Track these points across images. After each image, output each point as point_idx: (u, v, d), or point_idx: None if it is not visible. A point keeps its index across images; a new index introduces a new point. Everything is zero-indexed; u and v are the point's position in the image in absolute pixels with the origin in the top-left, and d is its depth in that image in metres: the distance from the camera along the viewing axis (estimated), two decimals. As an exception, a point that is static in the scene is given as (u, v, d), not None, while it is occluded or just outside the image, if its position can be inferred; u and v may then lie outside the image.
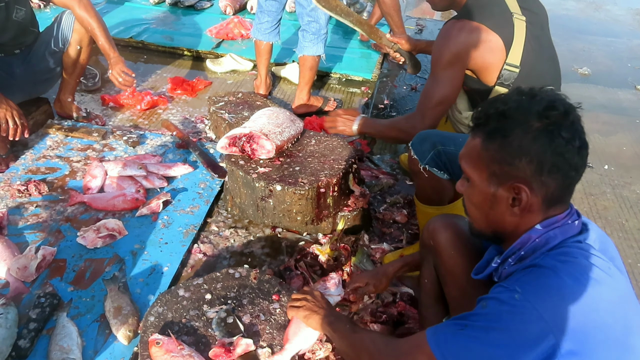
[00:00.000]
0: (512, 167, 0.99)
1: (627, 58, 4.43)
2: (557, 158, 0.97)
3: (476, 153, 1.05)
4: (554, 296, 0.90)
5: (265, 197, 1.96)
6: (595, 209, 2.55)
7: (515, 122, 0.99)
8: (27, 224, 2.00)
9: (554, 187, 0.99)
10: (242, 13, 4.28)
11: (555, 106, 0.98)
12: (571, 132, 0.97)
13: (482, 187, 1.05)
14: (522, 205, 1.01)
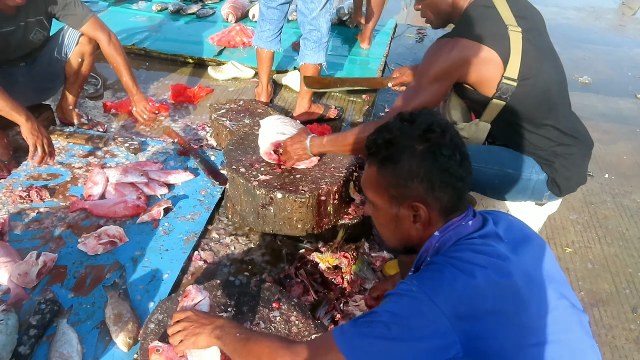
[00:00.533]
0: (407, 189, 1.09)
1: (627, 67, 4.44)
2: (444, 174, 1.08)
3: (374, 180, 1.14)
4: (446, 288, 0.98)
5: (266, 204, 1.96)
6: (596, 218, 2.55)
7: (401, 148, 1.09)
8: (28, 230, 2.00)
9: (446, 199, 1.10)
10: (244, 21, 4.31)
11: (433, 128, 1.09)
12: (451, 149, 1.08)
13: (385, 209, 1.15)
14: (422, 221, 1.11)
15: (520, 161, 1.80)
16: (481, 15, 1.68)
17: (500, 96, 1.65)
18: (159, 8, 4.36)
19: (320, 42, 2.75)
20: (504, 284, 0.98)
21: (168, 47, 3.72)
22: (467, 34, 1.65)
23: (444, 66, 1.65)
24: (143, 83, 3.33)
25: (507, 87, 1.63)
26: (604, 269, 2.26)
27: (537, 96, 1.69)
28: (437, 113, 1.18)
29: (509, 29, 1.64)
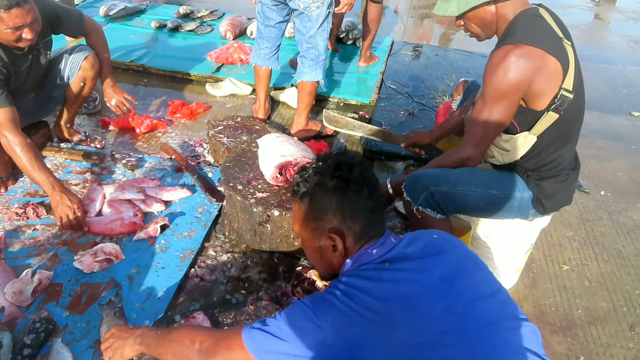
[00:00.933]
0: (323, 221, 1.24)
1: (621, 84, 4.49)
2: (354, 206, 1.22)
3: (298, 215, 1.30)
4: (329, 310, 1.10)
5: (263, 222, 1.96)
6: (592, 235, 2.56)
7: (315, 185, 1.24)
8: (24, 247, 1.99)
9: (359, 228, 1.23)
10: (242, 38, 4.35)
11: (340, 166, 1.23)
12: (359, 184, 1.22)
13: (310, 241, 1.30)
14: (339, 250, 1.24)
15: (504, 181, 1.80)
16: (536, 24, 1.61)
17: (557, 108, 1.59)
18: (157, 25, 4.40)
19: (317, 60, 2.78)
20: (377, 306, 1.08)
21: (166, 64, 3.75)
22: (529, 40, 1.56)
23: (514, 78, 1.56)
24: (141, 99, 3.35)
25: (565, 98, 1.57)
26: (601, 286, 2.26)
27: (577, 113, 1.67)
28: (349, 152, 1.34)
29: (563, 41, 1.60)
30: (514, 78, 1.56)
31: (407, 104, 3.58)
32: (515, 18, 1.65)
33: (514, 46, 1.56)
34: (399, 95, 3.70)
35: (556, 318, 2.09)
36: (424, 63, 4.38)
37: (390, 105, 3.53)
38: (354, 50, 4.28)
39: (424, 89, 3.83)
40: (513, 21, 1.65)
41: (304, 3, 2.58)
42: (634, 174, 3.11)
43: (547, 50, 1.55)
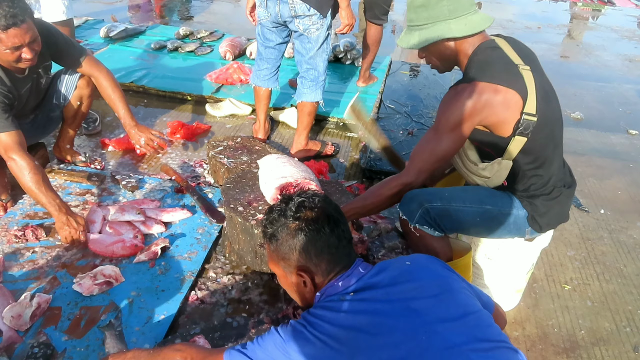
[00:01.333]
0: (291, 260, 1.29)
1: (618, 102, 4.53)
2: (316, 245, 1.26)
3: (270, 255, 1.35)
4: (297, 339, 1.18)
5: (264, 244, 1.95)
6: (594, 254, 2.55)
7: (279, 226, 1.30)
8: (22, 270, 1.98)
9: (325, 264, 1.28)
10: (242, 59, 4.38)
11: (301, 208, 1.29)
12: (319, 223, 1.27)
13: (284, 278, 1.35)
14: (309, 286, 1.29)
15: (498, 197, 1.82)
16: (491, 57, 1.69)
17: (523, 132, 1.64)
18: (157, 46, 4.44)
19: (317, 81, 2.80)
20: (339, 334, 1.14)
21: (166, 85, 3.77)
22: (482, 77, 1.64)
23: (465, 112, 1.64)
24: (141, 120, 3.36)
25: (528, 122, 1.63)
26: (603, 306, 2.24)
27: (548, 133, 1.70)
28: (309, 191, 1.38)
29: (520, 68, 1.66)
30: (463, 113, 1.65)
31: (406, 123, 3.60)
32: (474, 53, 1.73)
33: (467, 85, 1.66)
34: (397, 115, 3.72)
35: (559, 339, 2.07)
36: (422, 82, 4.41)
37: (389, 125, 3.55)
38: (353, 70, 4.32)
39: (423, 108, 3.86)
40: (471, 56, 1.74)
41: (303, 25, 2.61)
42: (633, 192, 3.12)
43: (500, 83, 1.63)
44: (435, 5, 1.69)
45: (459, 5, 1.70)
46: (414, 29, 1.77)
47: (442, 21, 1.71)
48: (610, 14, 8.21)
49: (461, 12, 1.70)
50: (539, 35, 6.60)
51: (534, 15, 7.75)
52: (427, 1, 1.70)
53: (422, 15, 1.72)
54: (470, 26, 1.71)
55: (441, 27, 1.71)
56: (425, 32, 1.74)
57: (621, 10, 8.45)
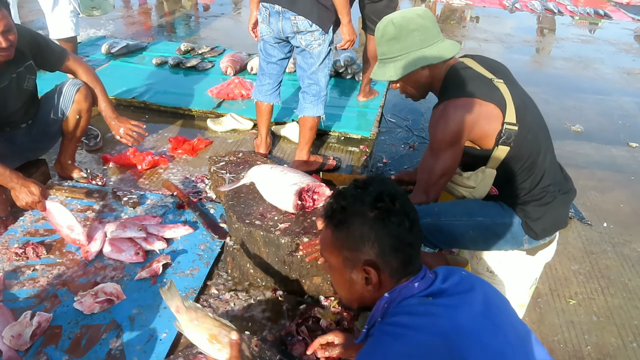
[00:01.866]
0: (359, 252, 1.16)
1: (617, 115, 4.54)
2: (393, 240, 1.15)
3: (330, 242, 1.22)
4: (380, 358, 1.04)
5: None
6: (598, 268, 2.53)
7: (353, 214, 1.17)
8: (23, 288, 1.96)
9: (397, 263, 1.16)
10: (243, 74, 4.40)
11: (382, 197, 1.16)
12: (400, 216, 1.15)
13: (340, 270, 1.22)
14: (373, 283, 1.17)
15: (489, 208, 1.83)
16: (464, 75, 1.74)
17: (505, 141, 1.69)
18: (158, 62, 4.46)
19: (319, 96, 2.81)
20: (434, 343, 1.02)
21: (168, 100, 3.78)
22: (461, 93, 1.70)
23: (454, 128, 1.69)
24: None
25: (510, 131, 1.67)
26: (609, 321, 2.22)
27: (531, 140, 1.73)
28: (390, 181, 1.25)
29: (494, 81, 1.72)
30: (454, 128, 1.69)
31: (407, 137, 3.60)
32: (447, 75, 1.79)
33: (449, 101, 1.71)
34: (399, 129, 3.73)
35: (565, 355, 2.04)
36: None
37: (390, 139, 3.55)
38: (354, 84, 4.34)
39: (424, 122, 3.87)
40: (445, 78, 1.79)
41: (305, 40, 2.62)
42: (635, 205, 3.11)
43: (479, 97, 1.68)
44: (406, 36, 1.75)
45: (429, 35, 1.76)
46: (387, 61, 1.81)
47: (416, 51, 1.76)
48: (607, 28, 8.28)
49: (432, 41, 1.77)
50: (536, 49, 6.65)
51: (532, 28, 7.81)
52: (398, 33, 1.75)
53: (395, 47, 1.77)
54: (442, 52, 1.77)
55: (415, 56, 1.76)
56: (399, 63, 1.78)
57: (618, 24, 8.52)
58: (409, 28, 1.74)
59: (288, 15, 2.57)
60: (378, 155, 3.35)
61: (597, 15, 8.77)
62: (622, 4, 9.83)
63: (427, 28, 1.76)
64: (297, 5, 2.55)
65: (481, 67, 1.79)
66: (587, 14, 8.78)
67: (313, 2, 2.54)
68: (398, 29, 1.75)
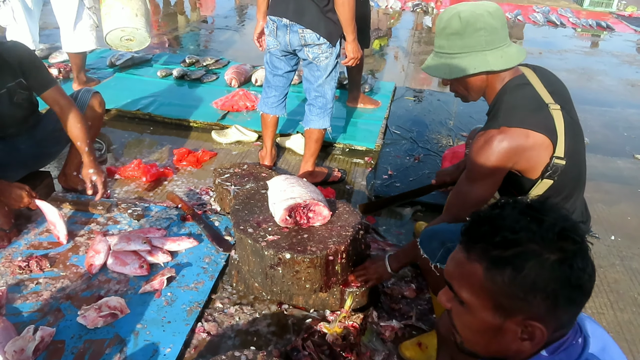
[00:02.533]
0: (525, 303, 0.90)
1: (622, 127, 4.52)
2: (574, 291, 0.90)
3: (477, 280, 0.94)
4: None
5: (275, 265, 1.92)
6: (606, 282, 2.50)
7: (527, 253, 0.89)
8: (26, 302, 1.94)
9: (567, 317, 0.93)
10: (247, 85, 4.41)
11: (570, 236, 0.90)
12: (585, 261, 0.90)
13: (484, 316, 0.95)
14: (536, 341, 0.93)
15: None
16: (521, 97, 1.62)
17: (551, 175, 1.60)
18: (163, 74, 4.48)
19: (325, 108, 2.81)
20: None
21: (172, 112, 3.79)
22: (512, 121, 1.57)
23: (497, 160, 1.58)
24: (147, 147, 3.37)
25: (557, 166, 1.58)
26: (619, 336, 2.18)
27: (576, 173, 1.67)
28: (561, 208, 0.96)
29: (550, 108, 1.60)
30: (495, 161, 1.58)
31: (412, 149, 3.59)
32: (502, 89, 1.66)
33: (497, 131, 1.58)
34: (403, 141, 3.71)
35: (576, 371, 2.01)
36: (426, 108, 4.42)
37: (395, 151, 3.54)
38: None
39: (429, 134, 3.86)
40: (500, 93, 1.66)
41: (313, 53, 2.63)
42: (643, 218, 3.08)
43: (531, 127, 1.56)
44: (472, 34, 1.60)
45: (497, 37, 1.61)
46: (445, 56, 1.67)
47: (478, 52, 1.62)
48: (610, 40, 8.30)
49: (498, 44, 1.62)
50: (541, 61, 6.66)
51: (535, 40, 7.83)
52: (462, 29, 1.60)
53: (456, 43, 1.63)
54: (506, 59, 1.63)
55: (477, 58, 1.62)
56: (457, 62, 1.64)
57: (620, 36, 8.54)
58: (475, 26, 1.59)
59: (296, 29, 2.58)
60: (383, 167, 3.33)
61: (599, 27, 8.79)
62: (625, 16, 9.86)
63: (496, 29, 1.61)
64: (304, 19, 2.55)
65: (541, 83, 1.65)
66: (589, 26, 8.80)
67: (321, 16, 2.55)
68: (464, 25, 1.60)
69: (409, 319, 2.07)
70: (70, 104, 2.38)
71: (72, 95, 2.56)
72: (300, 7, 2.55)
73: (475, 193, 1.67)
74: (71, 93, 2.58)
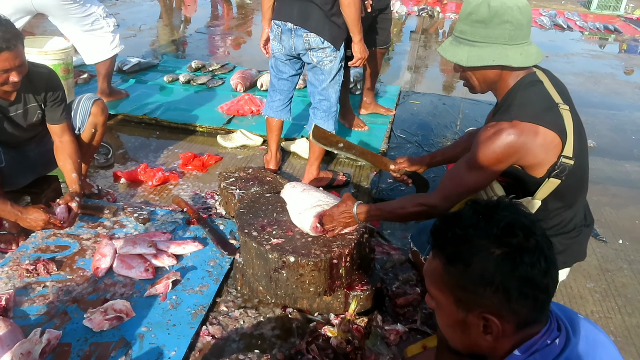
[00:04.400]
0: (477, 296, 0.96)
1: (630, 130, 4.49)
2: (523, 285, 0.94)
3: (439, 276, 1.01)
4: None
5: (279, 268, 1.93)
6: (614, 286, 2.48)
7: (473, 248, 0.95)
8: (33, 305, 1.96)
9: (525, 312, 0.96)
10: (253, 90, 4.43)
11: (514, 231, 0.95)
12: (535, 256, 0.94)
13: (450, 311, 1.01)
14: (494, 335, 0.97)
15: None
16: (533, 94, 1.61)
17: (558, 174, 1.59)
18: (170, 79, 4.51)
19: (329, 112, 2.82)
20: None
21: (178, 117, 3.81)
22: (524, 116, 1.56)
23: (502, 151, 1.57)
24: (154, 152, 3.39)
25: (565, 165, 1.57)
26: (627, 341, 2.17)
27: (581, 175, 1.67)
28: (519, 206, 1.03)
29: (560, 107, 1.59)
30: (501, 153, 1.57)
31: (418, 152, 3.59)
32: (515, 86, 1.65)
33: (508, 124, 1.57)
34: (408, 144, 3.72)
35: (583, 376, 1.99)
36: (431, 111, 4.42)
37: (400, 154, 3.54)
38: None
39: (434, 137, 3.85)
40: (513, 89, 1.65)
41: (317, 57, 2.64)
42: (651, 222, 3.05)
43: (542, 124, 1.55)
44: (497, 25, 1.58)
45: (520, 33, 1.60)
46: (465, 42, 1.65)
47: (500, 45, 1.60)
48: (617, 43, 8.25)
49: (520, 40, 1.61)
50: (547, 64, 6.63)
51: (542, 43, 7.81)
52: (489, 18, 1.57)
53: (479, 31, 1.60)
54: (525, 57, 1.62)
55: (497, 51, 1.60)
56: (477, 51, 1.62)
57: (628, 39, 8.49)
58: (503, 17, 1.56)
59: (300, 33, 2.59)
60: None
61: (606, 30, 8.75)
62: (632, 19, 9.81)
63: (522, 25, 1.59)
64: (309, 23, 2.57)
65: (551, 85, 1.65)
66: (596, 29, 8.77)
67: (325, 20, 2.56)
68: (492, 14, 1.57)
69: (414, 323, 2.06)
70: (70, 139, 2.39)
71: (74, 101, 2.57)
72: (305, 11, 2.57)
73: (471, 180, 1.66)
74: (72, 100, 2.59)
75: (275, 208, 2.22)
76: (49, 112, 2.35)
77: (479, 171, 1.64)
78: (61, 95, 2.36)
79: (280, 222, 2.11)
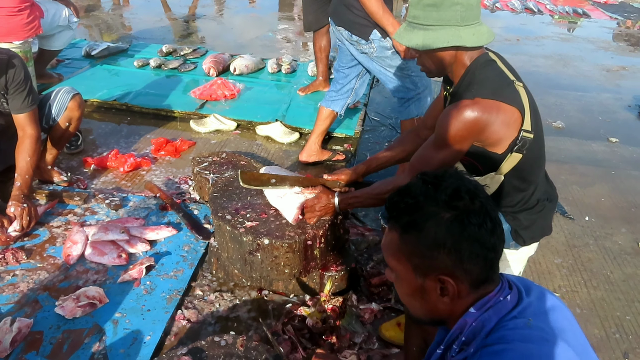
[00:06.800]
0: (432, 260, 1.01)
1: (597, 111, 4.60)
2: (473, 244, 1.00)
3: (396, 247, 1.06)
4: None
5: (253, 251, 1.93)
6: (580, 261, 2.56)
7: (425, 214, 1.02)
8: (2, 294, 1.92)
9: (477, 271, 1.02)
10: (225, 75, 4.38)
11: (461, 195, 1.01)
12: (481, 217, 1.00)
13: (409, 280, 1.06)
14: (450, 295, 1.03)
15: None
16: (491, 72, 1.65)
17: (520, 149, 1.63)
18: (140, 64, 4.42)
19: (406, 97, 2.79)
20: None
21: (150, 102, 3.75)
22: (485, 93, 1.60)
23: (466, 128, 1.60)
24: (125, 138, 3.33)
25: (525, 139, 1.61)
26: (592, 313, 2.25)
27: (539, 149, 1.70)
28: (465, 174, 1.09)
29: (515, 84, 1.64)
30: (465, 130, 1.61)
31: (391, 135, 3.61)
32: (472, 65, 1.69)
33: (471, 101, 1.60)
34: (382, 127, 3.74)
35: (550, 347, 2.06)
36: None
37: (374, 137, 3.56)
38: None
39: (407, 121, 3.88)
40: (469, 68, 1.69)
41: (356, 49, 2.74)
42: (616, 199, 3.15)
43: (503, 100, 1.59)
44: (448, 7, 1.61)
45: (471, 14, 1.63)
46: (418, 27, 1.68)
47: (452, 26, 1.63)
48: (586, 26, 8.41)
49: (472, 21, 1.64)
50: (518, 47, 6.72)
51: (513, 27, 7.90)
52: (440, 1, 1.61)
53: (431, 15, 1.63)
54: (477, 37, 1.65)
55: (451, 32, 1.63)
56: (431, 34, 1.65)
57: (596, 22, 8.66)
58: (453, 0, 1.61)
59: (336, 28, 2.74)
60: (362, 153, 3.35)
61: (576, 14, 8.90)
62: (600, 2, 9.99)
63: (471, 6, 1.62)
64: (339, 18, 2.71)
65: (502, 64, 1.69)
66: (566, 12, 8.91)
67: (348, 13, 2.62)
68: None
69: (388, 302, 2.10)
70: (33, 136, 2.30)
71: (51, 93, 2.51)
72: (335, 8, 2.71)
73: (439, 159, 1.69)
74: (51, 90, 2.53)
75: (249, 191, 2.21)
76: (11, 100, 2.27)
77: (446, 149, 1.67)
78: (22, 80, 2.27)
79: (255, 205, 2.11)
